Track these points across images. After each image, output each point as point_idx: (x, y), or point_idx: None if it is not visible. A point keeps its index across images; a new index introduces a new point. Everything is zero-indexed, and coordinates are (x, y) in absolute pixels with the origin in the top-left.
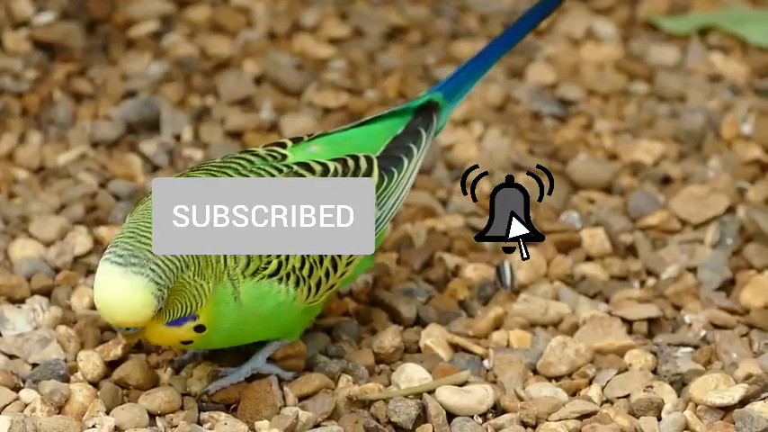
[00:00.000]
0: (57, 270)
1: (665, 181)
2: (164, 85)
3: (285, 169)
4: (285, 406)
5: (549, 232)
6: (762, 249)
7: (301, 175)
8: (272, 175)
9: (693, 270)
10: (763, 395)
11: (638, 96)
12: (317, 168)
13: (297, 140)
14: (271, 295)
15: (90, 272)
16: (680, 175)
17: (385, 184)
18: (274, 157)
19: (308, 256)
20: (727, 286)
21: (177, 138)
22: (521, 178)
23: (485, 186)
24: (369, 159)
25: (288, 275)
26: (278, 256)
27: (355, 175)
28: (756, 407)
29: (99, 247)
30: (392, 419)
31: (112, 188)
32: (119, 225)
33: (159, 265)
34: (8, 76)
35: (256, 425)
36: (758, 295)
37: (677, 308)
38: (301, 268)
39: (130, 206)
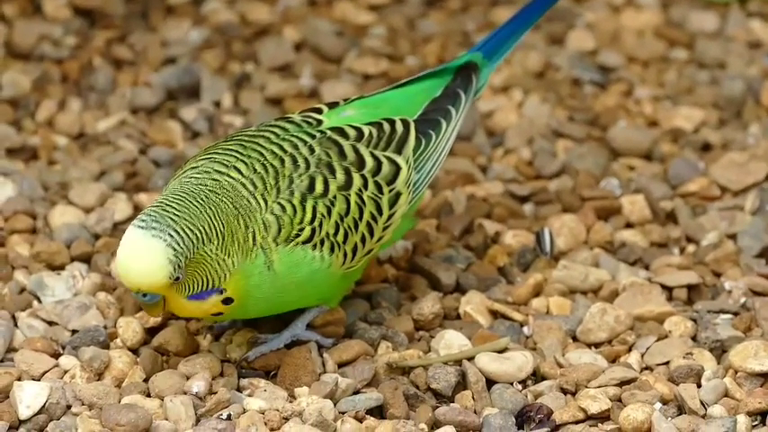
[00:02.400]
0: (96, 237)
1: (705, 148)
2: (203, 52)
3: (318, 135)
4: (324, 372)
5: (588, 199)
6: None
7: (335, 141)
8: (305, 142)
9: (733, 237)
10: None
11: (678, 63)
12: (352, 133)
13: (333, 105)
14: (305, 262)
15: None
16: (720, 141)
17: (422, 147)
18: (309, 123)
19: (343, 221)
20: (767, 253)
21: (217, 104)
22: (560, 145)
23: (525, 153)
24: (405, 123)
25: (322, 242)
26: (311, 223)
27: (390, 138)
28: None
29: (138, 213)
30: (432, 386)
31: (152, 155)
32: (158, 191)
33: (179, 233)
34: (48, 43)
35: (296, 391)
36: None
37: (717, 275)
38: (335, 234)
39: (170, 172)
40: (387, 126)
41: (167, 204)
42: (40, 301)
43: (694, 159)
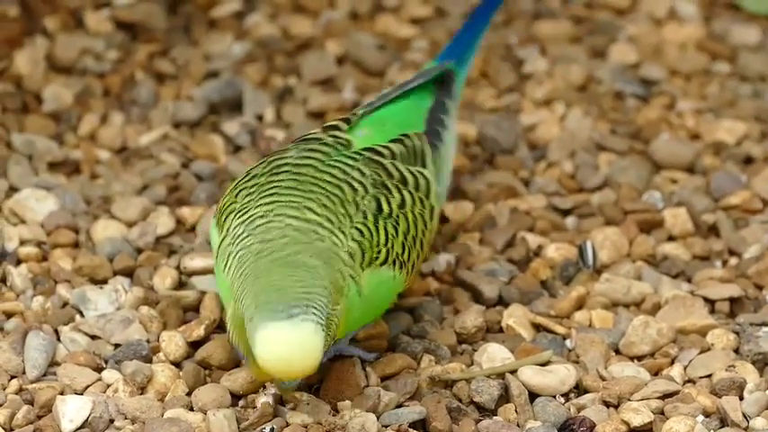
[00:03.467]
0: (139, 250)
1: (748, 161)
2: (246, 66)
3: (359, 157)
4: (368, 386)
5: (631, 212)
6: None
7: (376, 161)
8: (351, 166)
9: None
10: None
11: (720, 76)
12: (386, 152)
13: (345, 122)
14: (385, 282)
15: (172, 252)
16: (762, 154)
17: (436, 159)
18: (343, 146)
19: (406, 239)
20: None
21: (259, 118)
22: (602, 158)
23: (567, 166)
24: (419, 137)
25: (394, 261)
26: (385, 244)
27: (414, 153)
28: None
29: (181, 227)
30: (474, 399)
31: (195, 168)
32: (201, 205)
33: (317, 306)
34: (90, 57)
35: (339, 405)
36: None
37: (759, 287)
38: (402, 253)
39: (213, 186)
40: (408, 141)
41: (285, 280)
42: (82, 315)
43: (736, 172)
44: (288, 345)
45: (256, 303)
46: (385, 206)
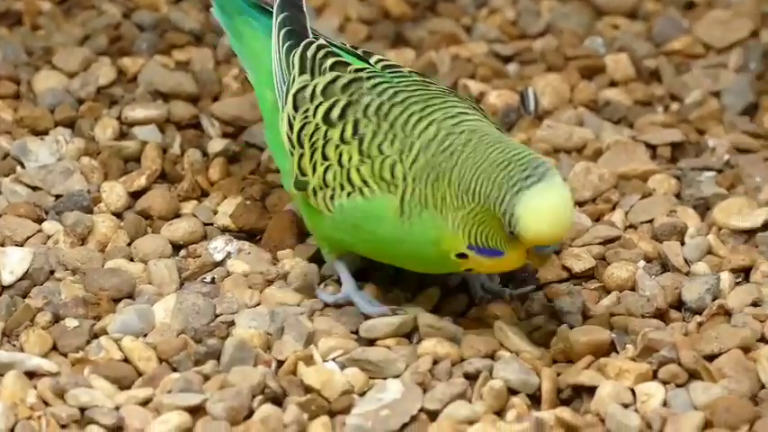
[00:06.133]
0: (80, 101)
1: (689, 6)
2: None
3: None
4: (309, 235)
5: (572, 58)
6: None
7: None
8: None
9: (717, 94)
10: None
11: None
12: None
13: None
14: None
15: (113, 102)
16: None
17: None
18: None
19: None
20: (751, 110)
21: None
22: (544, 5)
23: (509, 13)
24: None
25: None
26: None
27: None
28: None
29: (122, 77)
30: None
31: (136, 18)
32: (143, 55)
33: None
34: None
35: (279, 254)
36: None
37: (701, 132)
38: None
39: (154, 36)
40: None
41: (508, 153)
42: (23, 166)
43: (678, 17)
44: (554, 200)
45: (497, 182)
46: None
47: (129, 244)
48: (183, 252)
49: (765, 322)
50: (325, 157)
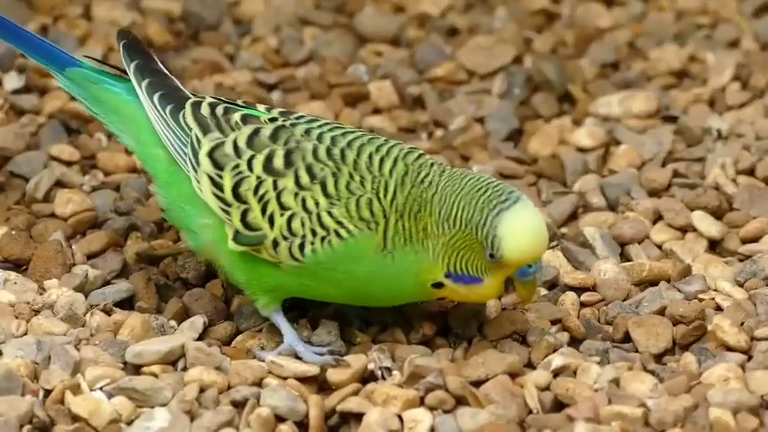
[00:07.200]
0: None
1: (452, 32)
2: None
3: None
4: (74, 264)
5: (336, 85)
6: (548, 99)
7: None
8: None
9: (481, 120)
10: (552, 244)
11: None
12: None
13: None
14: None
15: None
16: (466, 25)
17: None
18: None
19: None
20: (515, 136)
21: None
22: (307, 32)
23: (272, 41)
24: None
25: None
26: None
27: None
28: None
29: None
30: (181, 275)
31: None
32: None
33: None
34: None
35: (46, 284)
36: (546, 145)
37: (465, 158)
38: None
39: None
40: None
41: (479, 182)
42: None
43: (441, 44)
44: (532, 219)
45: (478, 207)
46: None
47: None
48: None
49: (532, 348)
50: (283, 207)
